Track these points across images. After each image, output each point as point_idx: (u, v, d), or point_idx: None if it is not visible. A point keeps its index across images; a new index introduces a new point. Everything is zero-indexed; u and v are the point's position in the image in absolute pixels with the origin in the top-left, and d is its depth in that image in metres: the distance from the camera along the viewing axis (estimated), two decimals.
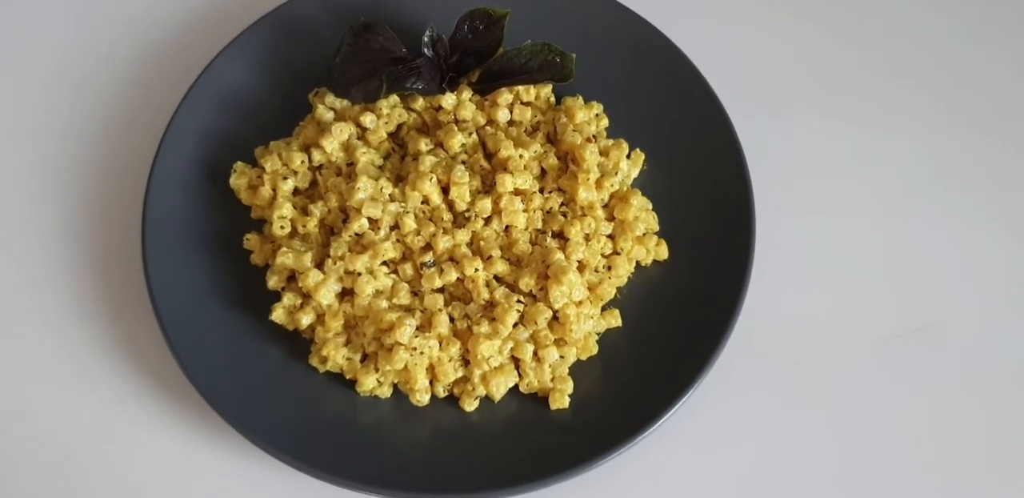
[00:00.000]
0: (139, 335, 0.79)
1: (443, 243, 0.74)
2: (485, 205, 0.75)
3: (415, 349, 0.72)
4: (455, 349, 0.73)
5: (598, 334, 0.76)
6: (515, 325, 0.73)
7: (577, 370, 0.74)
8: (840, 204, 0.83)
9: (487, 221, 0.76)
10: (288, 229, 0.77)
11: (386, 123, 0.79)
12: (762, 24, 0.89)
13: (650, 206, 0.78)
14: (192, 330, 0.74)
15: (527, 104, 0.80)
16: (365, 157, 0.77)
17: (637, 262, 0.77)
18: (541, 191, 0.77)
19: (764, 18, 0.89)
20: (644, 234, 0.77)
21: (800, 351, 0.78)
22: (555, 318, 0.74)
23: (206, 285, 0.76)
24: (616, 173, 0.77)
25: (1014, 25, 0.88)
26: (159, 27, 0.89)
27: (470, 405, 0.73)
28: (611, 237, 0.77)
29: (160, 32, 0.89)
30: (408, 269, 0.75)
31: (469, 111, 0.79)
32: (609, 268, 0.76)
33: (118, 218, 0.82)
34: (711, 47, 0.84)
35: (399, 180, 0.77)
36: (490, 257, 0.74)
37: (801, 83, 0.87)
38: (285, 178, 0.78)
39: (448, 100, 0.78)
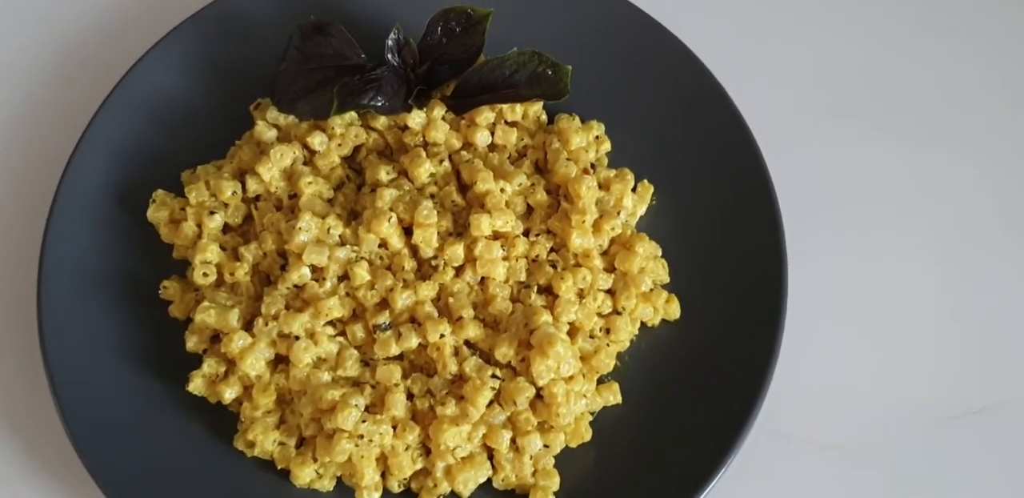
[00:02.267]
0: (25, 400, 0.72)
1: (403, 299, 0.68)
2: (456, 252, 0.69)
3: (362, 437, 0.65)
4: (413, 436, 0.66)
5: (593, 415, 0.70)
6: (489, 405, 0.67)
7: (565, 461, 0.68)
8: (890, 252, 0.77)
9: (458, 272, 0.70)
10: (213, 277, 0.70)
11: (339, 145, 0.73)
12: (799, 33, 0.83)
13: (659, 252, 0.72)
14: (91, 396, 0.68)
15: (512, 125, 0.75)
16: (311, 188, 0.71)
17: (642, 323, 0.71)
18: (526, 234, 0.71)
19: (802, 25, 0.84)
20: (651, 289, 0.71)
21: (837, 434, 0.73)
22: (539, 397, 0.67)
23: (113, 341, 0.70)
24: (618, 213, 0.71)
25: None
26: (73, 21, 0.84)
27: None
28: (611, 293, 0.71)
29: (75, 27, 0.84)
30: (358, 332, 0.68)
31: (441, 133, 0.73)
32: (608, 331, 0.70)
33: (10, 255, 0.76)
34: (736, 58, 0.79)
35: (352, 217, 0.71)
36: (460, 318, 0.68)
37: (842, 104, 0.81)
38: (212, 213, 0.72)
39: (416, 119, 0.73)
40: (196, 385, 0.67)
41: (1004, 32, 0.83)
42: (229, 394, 0.67)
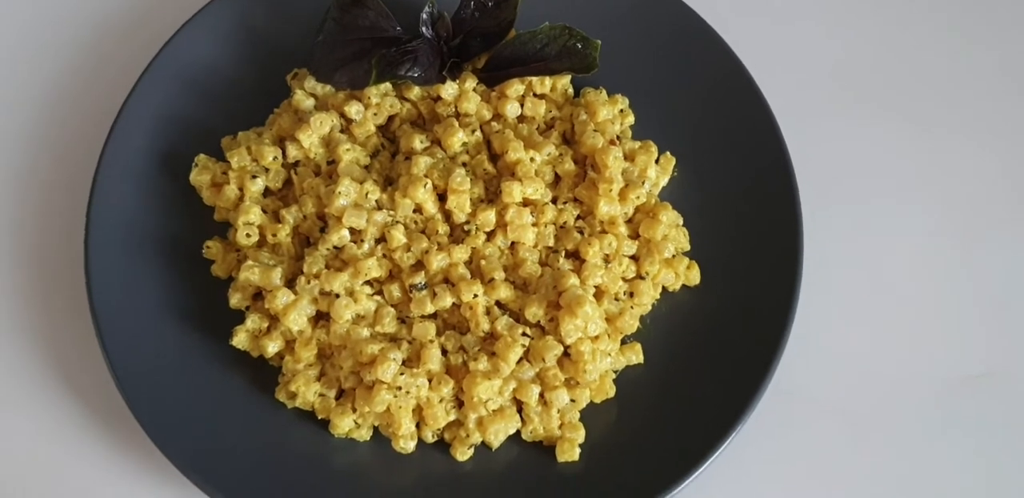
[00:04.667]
0: (77, 354, 0.74)
1: (437, 261, 0.69)
2: (488, 217, 0.70)
3: (400, 388, 0.66)
4: (447, 389, 0.68)
5: (616, 373, 0.71)
6: (519, 362, 0.68)
7: (590, 416, 0.69)
8: (901, 225, 0.78)
9: (490, 236, 0.71)
10: (256, 238, 0.72)
11: (375, 114, 0.74)
12: (818, 12, 0.84)
13: (681, 221, 0.74)
14: (138, 352, 0.69)
15: (541, 97, 0.75)
16: (349, 155, 0.72)
17: (664, 288, 0.73)
18: (554, 202, 0.73)
19: (821, 3, 0.85)
20: (673, 255, 0.72)
21: (849, 396, 0.74)
22: (566, 355, 0.68)
23: (158, 299, 0.71)
24: (643, 183, 0.73)
25: None
26: None
27: (463, 454, 0.68)
28: (635, 258, 0.72)
29: (116, 2, 0.84)
30: (395, 291, 0.69)
31: (473, 104, 0.74)
32: (631, 295, 0.71)
33: (59, 217, 0.77)
34: (758, 37, 0.80)
35: (388, 183, 0.72)
36: (492, 280, 0.69)
37: (861, 83, 0.82)
38: (254, 176, 0.73)
39: (449, 90, 0.73)
40: (240, 339, 0.68)
41: (1011, 20, 0.83)
42: (272, 348, 0.68)
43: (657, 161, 0.74)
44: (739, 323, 0.70)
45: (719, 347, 0.70)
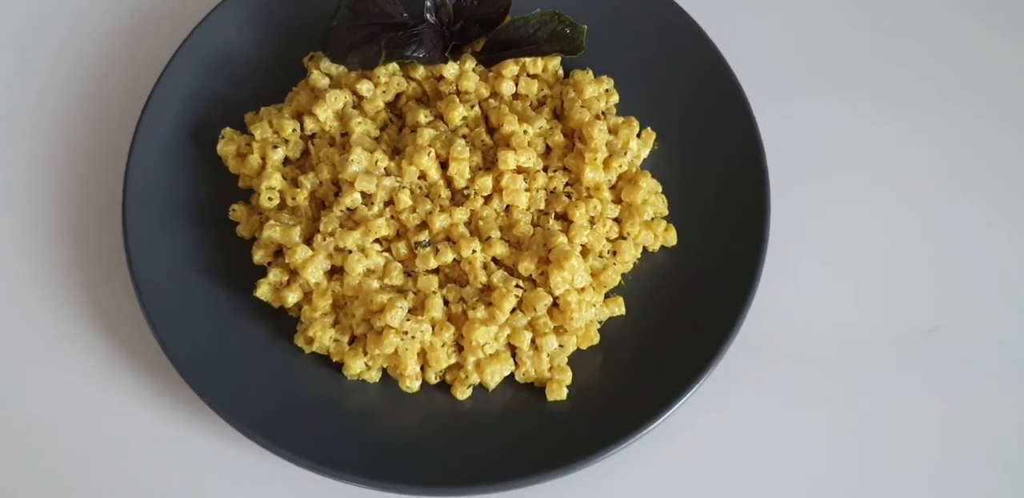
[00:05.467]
0: (117, 307, 0.77)
1: (440, 222, 0.73)
2: (485, 183, 0.73)
3: (406, 333, 0.70)
4: (449, 334, 0.71)
5: (600, 323, 0.74)
6: (513, 311, 0.71)
7: (577, 360, 0.73)
8: (859, 194, 0.81)
9: (487, 200, 0.74)
10: (276, 201, 0.75)
11: (384, 92, 0.77)
12: (786, 7, 0.87)
13: (659, 189, 0.77)
14: (172, 304, 0.72)
15: (533, 77, 0.78)
16: (360, 127, 0.75)
17: (644, 248, 0.76)
18: (545, 170, 0.76)
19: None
20: (652, 218, 0.76)
21: (810, 346, 0.77)
22: (555, 305, 0.72)
23: (188, 257, 0.75)
24: (625, 153, 0.76)
25: None
26: None
27: (463, 393, 0.72)
28: (617, 221, 0.75)
29: None
30: (402, 248, 0.73)
31: (472, 82, 0.77)
32: (614, 253, 0.74)
33: (99, 184, 0.80)
34: (731, 22, 0.83)
35: (395, 153, 0.75)
36: (489, 238, 0.73)
37: (825, 65, 0.85)
38: (275, 147, 0.76)
39: (450, 70, 0.77)
40: (263, 291, 0.72)
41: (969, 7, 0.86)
42: (292, 298, 0.71)
43: (639, 135, 0.76)
44: (712, 280, 0.73)
45: (693, 301, 0.73)
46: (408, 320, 0.70)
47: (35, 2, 0.87)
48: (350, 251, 0.72)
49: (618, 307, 0.74)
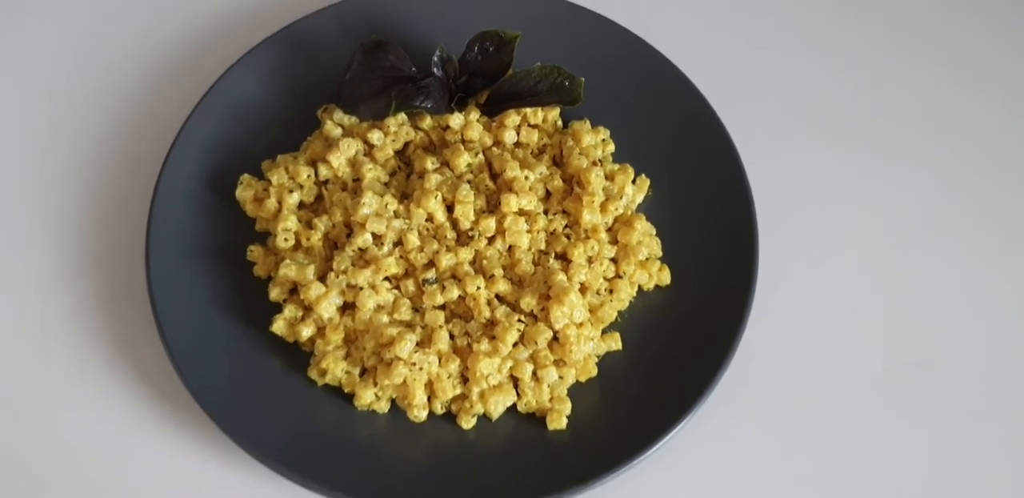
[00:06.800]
0: (140, 343, 0.79)
1: (446, 260, 0.75)
2: (489, 224, 0.76)
3: (414, 364, 0.72)
4: (454, 366, 0.73)
5: (598, 357, 0.76)
6: (515, 344, 0.74)
7: (576, 392, 0.75)
8: (844, 238, 0.84)
9: (491, 240, 0.77)
10: (292, 242, 0.77)
11: (393, 141, 0.79)
12: (773, 57, 0.90)
13: (654, 231, 0.79)
14: (192, 339, 0.74)
15: (534, 127, 0.81)
16: (371, 173, 0.78)
17: (639, 286, 0.78)
18: (545, 213, 0.78)
19: (776, 51, 0.90)
20: (647, 259, 0.78)
21: (799, 381, 0.79)
22: (555, 339, 0.74)
23: (208, 295, 0.77)
24: (621, 197, 0.78)
25: None
26: (170, 42, 0.91)
27: (468, 423, 0.73)
28: (614, 260, 0.77)
29: (172, 47, 0.90)
30: (410, 285, 0.75)
31: (476, 131, 0.79)
32: (611, 291, 0.77)
33: (124, 227, 0.83)
34: (720, 77, 0.85)
35: (404, 197, 0.78)
36: (492, 276, 0.75)
37: (810, 117, 0.88)
38: (291, 191, 0.79)
39: (456, 120, 0.79)
40: (279, 326, 0.74)
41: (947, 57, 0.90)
42: (306, 332, 0.73)
43: (634, 182, 0.79)
44: (703, 317, 0.75)
45: (686, 337, 0.75)
46: (416, 352, 0.72)
47: (66, 56, 0.90)
48: (361, 288, 0.74)
49: (615, 342, 0.76)
